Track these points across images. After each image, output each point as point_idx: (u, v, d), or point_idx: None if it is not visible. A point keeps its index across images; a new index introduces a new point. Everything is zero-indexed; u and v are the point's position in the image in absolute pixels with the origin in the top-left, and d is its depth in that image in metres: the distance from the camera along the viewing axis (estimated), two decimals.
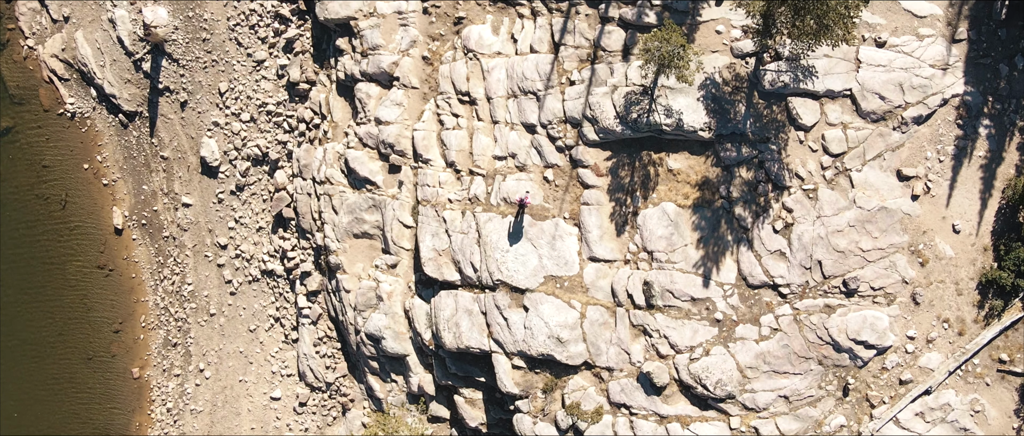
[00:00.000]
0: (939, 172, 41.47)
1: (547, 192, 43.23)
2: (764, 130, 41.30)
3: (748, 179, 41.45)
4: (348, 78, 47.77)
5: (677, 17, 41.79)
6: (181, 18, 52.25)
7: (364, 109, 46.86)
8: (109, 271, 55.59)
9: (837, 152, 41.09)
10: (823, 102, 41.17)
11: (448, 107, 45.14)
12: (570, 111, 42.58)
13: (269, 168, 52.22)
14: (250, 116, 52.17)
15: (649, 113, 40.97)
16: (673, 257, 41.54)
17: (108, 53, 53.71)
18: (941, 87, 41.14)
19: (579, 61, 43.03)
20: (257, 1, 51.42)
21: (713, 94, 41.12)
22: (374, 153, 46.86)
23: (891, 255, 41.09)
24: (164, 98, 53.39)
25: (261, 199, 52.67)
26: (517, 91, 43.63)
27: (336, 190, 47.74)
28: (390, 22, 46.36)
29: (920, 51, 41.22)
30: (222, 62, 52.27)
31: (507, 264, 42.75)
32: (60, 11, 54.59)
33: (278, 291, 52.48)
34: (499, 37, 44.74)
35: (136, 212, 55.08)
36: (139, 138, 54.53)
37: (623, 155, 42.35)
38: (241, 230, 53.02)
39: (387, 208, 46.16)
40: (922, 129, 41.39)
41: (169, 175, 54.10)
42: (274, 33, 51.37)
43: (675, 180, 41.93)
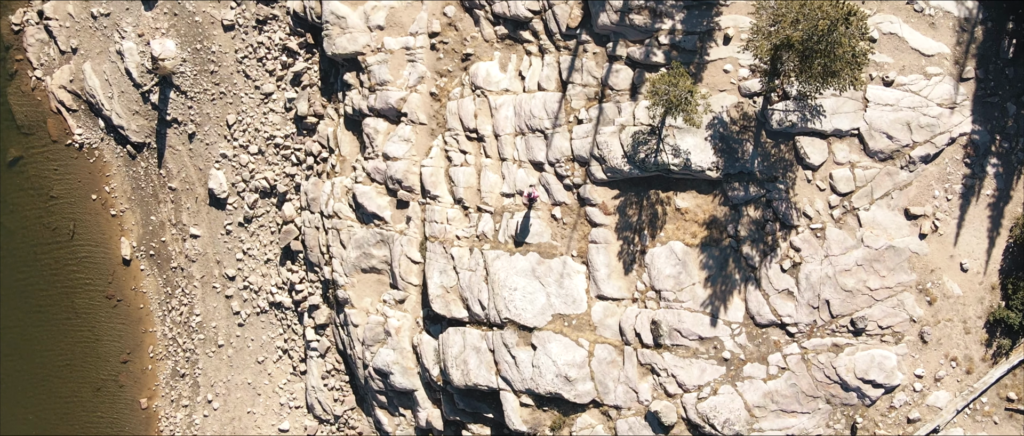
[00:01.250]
0: (947, 211, 41.87)
1: (555, 230, 43.75)
2: (772, 169, 41.75)
3: (756, 218, 41.90)
4: (356, 112, 48.34)
5: (685, 56, 42.28)
6: (189, 50, 52.88)
7: (372, 144, 47.42)
8: (117, 301, 56.22)
9: (845, 191, 41.51)
10: (831, 141, 41.61)
11: (456, 143, 45.68)
12: (578, 150, 43.10)
13: (277, 200, 52.83)
14: (258, 148, 52.77)
15: (657, 153, 41.46)
16: (681, 296, 42.02)
17: (116, 84, 54.35)
18: (949, 126, 41.55)
19: (587, 99, 43.53)
20: (265, 34, 52.03)
21: (721, 133, 41.60)
22: (382, 188, 47.41)
23: (899, 294, 41.51)
24: (172, 129, 54.03)
25: (269, 231, 53.28)
26: (525, 129, 44.17)
27: (344, 224, 48.30)
28: (398, 58, 46.91)
29: (928, 90, 41.63)
30: (230, 94, 52.89)
31: (515, 302, 43.27)
32: (68, 42, 55.24)
33: (286, 323, 53.08)
34: (507, 74, 45.26)
35: (144, 243, 55.72)
36: (147, 169, 55.16)
37: (631, 194, 42.84)
38: (249, 262, 53.62)
39: (395, 243, 46.71)
40: (930, 168, 41.80)
41: (177, 206, 54.72)
42: (282, 66, 51.99)
43: (683, 219, 42.41)
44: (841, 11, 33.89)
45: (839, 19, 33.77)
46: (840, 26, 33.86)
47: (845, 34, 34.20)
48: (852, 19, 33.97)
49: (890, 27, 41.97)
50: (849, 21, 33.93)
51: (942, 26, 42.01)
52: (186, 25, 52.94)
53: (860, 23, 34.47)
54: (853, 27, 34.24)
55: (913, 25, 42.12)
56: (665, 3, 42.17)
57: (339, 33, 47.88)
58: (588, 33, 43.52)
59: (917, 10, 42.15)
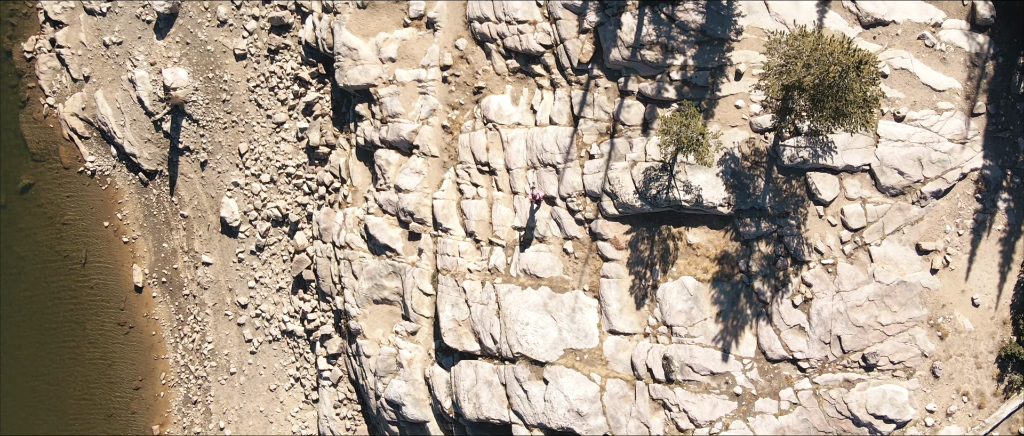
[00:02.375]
0: (958, 246, 42.42)
1: (567, 264, 44.41)
2: (783, 205, 42.34)
3: (767, 253, 42.50)
4: (368, 143, 49.05)
5: (696, 92, 42.89)
6: (201, 79, 53.67)
7: (384, 175, 48.13)
8: (129, 328, 57.06)
9: (856, 227, 42.08)
10: (842, 177, 42.18)
11: (468, 176, 46.37)
12: (589, 185, 43.75)
13: (289, 229, 53.60)
14: (270, 177, 53.55)
15: (668, 189, 42.09)
16: (692, 331, 42.65)
17: (128, 113, 55.18)
18: (960, 161, 42.09)
19: (598, 134, 44.17)
20: (277, 63, 52.79)
21: (732, 169, 42.21)
22: (394, 220, 48.13)
23: (910, 329, 42.06)
24: (184, 157, 54.84)
25: (281, 260, 54.06)
26: (537, 163, 44.83)
27: (356, 255, 49.03)
28: (409, 90, 47.60)
29: (939, 125, 42.18)
30: (242, 123, 53.67)
31: (527, 336, 43.95)
32: (80, 70, 56.08)
33: (298, 351, 53.84)
34: (519, 108, 45.93)
35: (156, 270, 56.54)
36: (159, 196, 55.98)
37: (642, 229, 43.48)
38: (261, 290, 54.40)
39: (407, 275, 47.42)
40: (941, 203, 42.35)
41: (189, 233, 55.53)
42: (294, 95, 52.75)
43: (694, 254, 43.04)
44: (852, 58, 34.45)
45: (850, 66, 34.34)
46: (851, 73, 34.43)
47: (856, 80, 34.78)
48: (864, 67, 34.52)
49: (901, 62, 42.51)
50: (860, 69, 34.49)
51: (953, 61, 42.55)
52: (198, 54, 53.73)
53: (871, 70, 35.01)
54: (865, 74, 34.80)
55: (924, 60, 42.66)
56: (677, 39, 42.77)
57: (351, 65, 48.60)
58: (600, 68, 44.15)
59: (928, 45, 42.68)
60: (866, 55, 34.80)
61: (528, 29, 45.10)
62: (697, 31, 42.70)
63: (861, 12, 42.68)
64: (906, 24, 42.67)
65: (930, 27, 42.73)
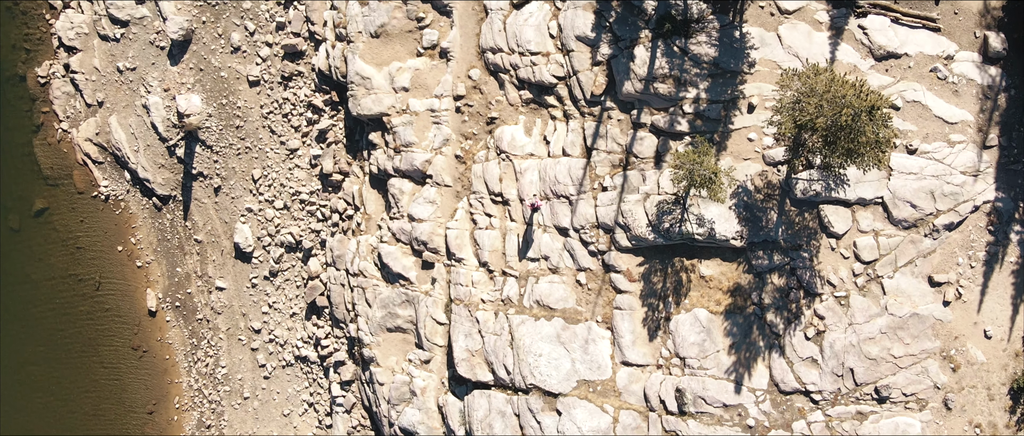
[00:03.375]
0: (971, 278, 43.05)
1: (580, 295, 45.16)
2: (796, 237, 43.02)
3: (780, 286, 43.19)
4: (381, 172, 49.84)
5: (709, 124, 43.58)
6: (215, 105, 54.56)
7: (397, 204, 48.93)
8: (143, 352, 58.01)
9: (869, 259, 42.74)
10: (855, 210, 42.84)
11: (481, 207, 47.13)
12: (602, 217, 44.47)
13: (303, 255, 54.45)
14: (284, 203, 54.42)
15: (681, 223, 42.80)
16: (705, 363, 43.36)
17: (142, 138, 56.10)
18: (972, 194, 42.72)
19: (611, 166, 44.89)
20: (290, 90, 53.63)
21: (745, 202, 42.89)
22: (407, 248, 48.92)
23: (923, 361, 42.71)
24: (198, 183, 55.74)
25: (295, 285, 54.92)
26: (550, 194, 45.57)
27: (369, 283, 49.85)
28: (423, 119, 48.38)
29: (951, 158, 42.80)
30: (255, 149, 54.53)
31: (540, 368, 44.72)
32: (94, 96, 57.02)
33: (312, 377, 54.71)
34: (532, 138, 46.65)
35: (170, 294, 57.47)
36: (173, 221, 56.90)
37: (655, 261, 44.20)
38: (275, 315, 55.28)
39: (420, 304, 48.22)
40: (953, 235, 42.99)
41: (203, 258, 56.44)
42: (307, 122, 53.59)
43: (707, 286, 43.75)
44: (865, 102, 35.12)
45: (863, 110, 35.01)
46: (863, 116, 35.11)
47: (869, 123, 35.45)
48: (876, 113, 35.19)
49: (913, 95, 43.14)
50: (873, 114, 35.17)
51: (965, 94, 43.17)
52: (212, 80, 54.61)
53: (883, 114, 35.67)
54: (877, 118, 35.47)
55: (936, 93, 43.28)
56: (689, 72, 43.47)
57: (364, 93, 49.40)
58: (612, 100, 44.84)
59: (941, 78, 43.30)
60: (878, 100, 35.45)
61: (541, 60, 45.83)
62: (710, 64, 43.38)
63: (873, 45, 43.30)
64: (918, 57, 43.30)
65: (942, 59, 43.34)
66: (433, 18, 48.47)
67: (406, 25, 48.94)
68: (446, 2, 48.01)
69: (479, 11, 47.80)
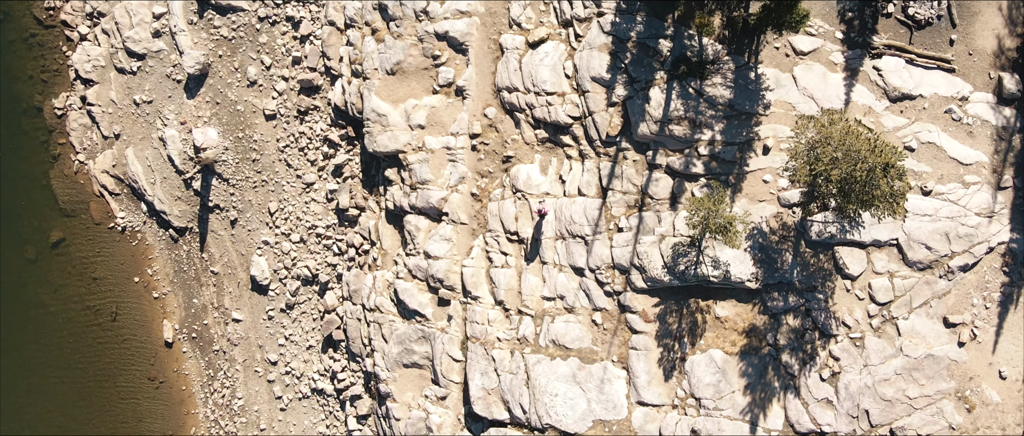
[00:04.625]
0: (985, 319, 43.96)
1: (595, 335, 46.20)
2: (811, 279, 43.98)
3: (795, 327, 44.17)
4: (397, 208, 50.94)
5: (724, 166, 44.54)
6: (231, 139, 55.75)
7: (413, 241, 50.03)
8: (160, 383, 59.30)
9: (884, 301, 43.69)
10: (870, 251, 43.79)
11: (497, 245, 48.19)
12: (618, 258, 45.49)
13: (319, 289, 55.63)
14: (300, 237, 55.58)
15: (696, 265, 43.81)
16: (720, 404, 44.36)
17: (158, 171, 57.35)
18: (987, 235, 43.63)
19: (627, 207, 45.90)
20: (306, 124, 54.80)
21: (760, 244, 43.86)
22: (423, 285, 50.02)
23: (938, 402, 43.65)
24: (214, 215, 56.96)
25: (311, 318, 56.10)
26: (565, 234, 46.61)
27: (386, 319, 50.98)
28: (439, 157, 49.45)
29: (966, 199, 43.70)
30: (272, 182, 55.73)
31: (556, 408, 45.79)
32: (111, 128, 58.29)
33: (328, 409, 55.88)
34: (547, 177, 47.68)
35: (186, 325, 58.73)
36: (189, 253, 58.15)
37: (671, 302, 45.22)
38: (291, 347, 56.47)
39: (436, 341, 49.32)
40: (968, 276, 43.91)
41: (219, 290, 57.67)
42: (323, 156, 54.73)
43: (722, 327, 44.75)
44: (879, 158, 36.05)
45: (877, 167, 35.95)
46: (878, 171, 36.06)
47: (883, 177, 36.40)
48: (890, 170, 36.14)
49: (928, 136, 44.06)
50: (887, 171, 36.11)
51: (980, 135, 44.06)
52: (228, 114, 55.81)
53: (898, 168, 36.59)
54: (891, 175, 36.41)
55: (951, 134, 44.19)
56: (705, 114, 44.44)
57: (380, 131, 50.50)
58: (628, 141, 45.82)
59: (955, 119, 44.21)
60: (892, 156, 36.36)
61: (556, 100, 46.85)
62: (725, 106, 44.34)
63: (888, 86, 44.23)
64: (933, 98, 44.21)
65: (957, 101, 44.24)
66: (449, 56, 49.51)
67: (422, 63, 49.99)
68: (462, 40, 48.98)
69: (495, 50, 48.84)
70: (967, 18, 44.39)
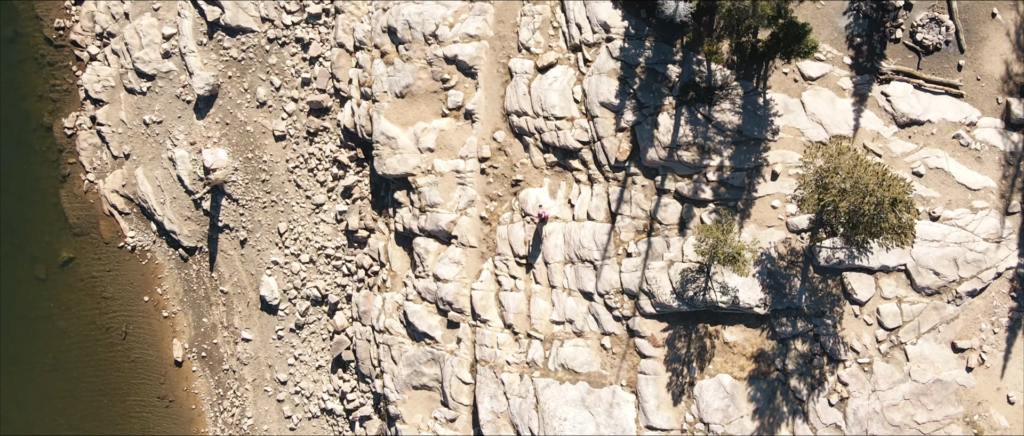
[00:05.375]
0: (993, 344, 44.57)
1: (604, 359, 46.88)
2: (819, 304, 44.62)
3: (803, 352, 44.81)
4: (407, 231, 51.65)
5: (733, 192, 45.18)
6: (240, 159, 56.53)
7: (423, 263, 50.75)
8: (169, 402, 60.11)
9: (892, 326, 44.31)
10: (878, 277, 44.41)
11: (506, 268, 48.89)
12: (627, 283, 46.16)
13: (329, 309, 56.39)
14: (309, 257, 56.36)
15: (705, 291, 44.46)
16: (729, 429, 45.01)
17: (168, 190, 58.16)
18: (995, 261, 44.22)
19: (636, 232, 46.56)
20: (316, 145, 55.56)
21: (769, 269, 44.51)
22: (433, 308, 50.74)
23: (946, 427, 44.25)
24: (224, 235, 57.75)
25: (321, 338, 56.87)
26: (574, 258, 47.30)
27: (395, 340, 51.71)
28: (448, 180, 50.16)
29: (974, 224, 44.30)
30: (281, 203, 56.49)
31: (565, 432, 46.45)
32: (120, 148, 59.11)
33: (338, 429, 56.62)
34: (556, 201, 48.36)
35: (196, 344, 59.54)
36: (199, 272, 58.95)
37: (680, 327, 45.88)
38: (301, 367, 57.26)
39: (446, 363, 50.05)
40: (976, 301, 44.51)
41: (229, 309, 58.46)
42: (333, 177, 55.49)
43: (731, 352, 45.41)
44: (887, 192, 36.66)
45: (885, 201, 36.57)
46: (886, 206, 36.68)
47: (891, 212, 37.02)
48: (898, 205, 36.77)
49: (936, 162, 44.66)
50: (895, 206, 36.74)
51: (988, 160, 44.65)
52: (238, 134, 56.59)
53: (905, 205, 37.21)
54: (899, 210, 37.03)
55: (959, 159, 44.78)
56: (713, 140, 45.10)
57: (389, 153, 51.21)
58: (637, 166, 46.46)
59: (963, 144, 44.80)
60: (900, 191, 36.94)
61: (565, 125, 47.52)
62: (734, 131, 44.98)
63: (896, 112, 44.83)
64: (941, 123, 44.81)
65: (965, 126, 44.83)
66: (458, 79, 50.20)
67: (431, 86, 50.71)
68: (471, 64, 49.67)
69: (504, 74, 49.53)
70: (975, 43, 44.93)
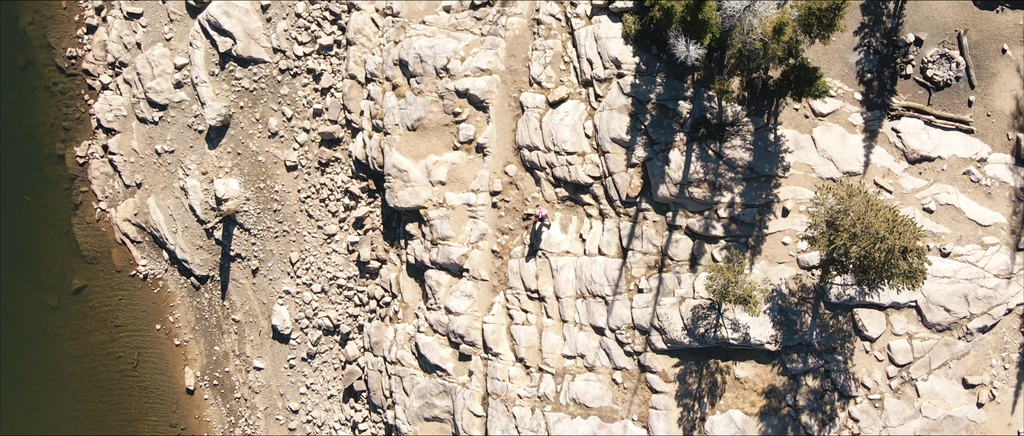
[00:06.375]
0: (1004, 379, 45.30)
1: (616, 394, 47.70)
2: (830, 340, 45.40)
3: (814, 388, 45.59)
4: (418, 263, 52.49)
5: (744, 229, 45.97)
6: (252, 189, 57.47)
7: (434, 296, 51.61)
8: (181, 430, 61.07)
9: (903, 362, 45.07)
10: (889, 313, 45.17)
11: (517, 302, 49.73)
12: (638, 319, 46.97)
13: (341, 339, 57.29)
14: (321, 287, 57.27)
15: (716, 328, 45.25)
16: None
17: (180, 219, 59.12)
18: (1006, 297, 44.95)
19: (647, 267, 47.37)
20: (327, 176, 56.47)
21: (780, 306, 45.29)
22: (444, 340, 51.60)
23: None
24: (236, 264, 58.70)
25: (332, 368, 57.78)
26: (586, 293, 48.12)
27: (407, 372, 52.58)
28: (459, 213, 51.01)
29: (984, 261, 45.04)
30: (293, 232, 57.43)
31: None
32: (132, 177, 60.11)
33: None
34: (568, 235, 49.19)
35: (208, 372, 60.51)
36: (211, 300, 59.91)
37: (691, 362, 46.68)
38: (312, 396, 58.17)
39: (457, 396, 50.90)
40: (987, 337, 45.25)
41: (241, 338, 59.41)
42: (344, 208, 56.39)
43: (742, 388, 46.20)
44: (898, 240, 37.39)
45: (896, 249, 37.31)
46: (896, 252, 37.45)
47: (902, 260, 37.77)
48: (910, 255, 37.52)
49: (947, 198, 45.41)
50: (906, 255, 37.50)
51: (998, 196, 45.38)
52: (249, 164, 57.53)
53: (915, 252, 37.95)
54: (910, 258, 37.79)
55: (970, 195, 45.52)
56: (724, 177, 45.88)
57: (401, 186, 52.08)
58: (648, 201, 47.25)
59: (974, 180, 45.53)
60: (910, 239, 37.64)
61: (577, 160, 48.34)
62: (745, 168, 45.76)
63: (907, 148, 45.58)
64: (951, 159, 45.54)
65: (975, 162, 45.56)
66: (469, 113, 51.05)
67: (442, 119, 51.57)
68: (482, 98, 50.52)
69: (515, 107, 50.37)
70: (985, 79, 45.66)
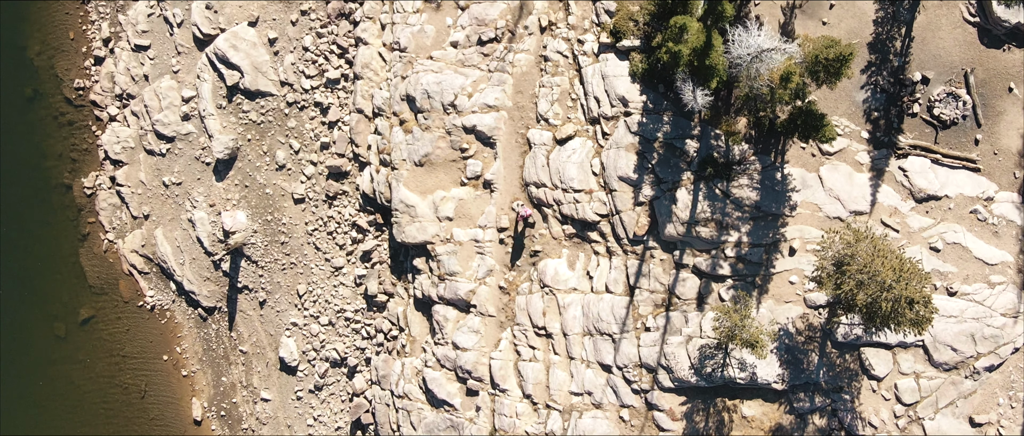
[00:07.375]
0: (1011, 418, 45.89)
1: (623, 431, 48.39)
2: (837, 380, 46.04)
3: (821, 427, 46.22)
4: (425, 297, 53.24)
5: (751, 267, 46.65)
6: (260, 221, 58.26)
7: (442, 331, 52.35)
8: None
9: (910, 401, 45.70)
10: (895, 352, 45.80)
11: (525, 339, 50.43)
12: (645, 357, 47.66)
13: (348, 372, 58.04)
14: (328, 320, 58.05)
15: (723, 368, 45.94)
16: None
17: (187, 251, 59.94)
18: (1012, 336, 45.56)
19: (654, 306, 48.06)
20: (335, 209, 57.25)
21: (787, 345, 45.95)
22: (452, 375, 52.31)
23: None
24: (243, 295, 59.49)
25: (340, 400, 58.52)
26: (593, 330, 48.82)
27: (414, 406, 53.31)
28: (467, 249, 51.75)
29: (991, 299, 45.66)
30: (300, 265, 58.21)
31: None
32: (140, 208, 60.94)
33: None
34: (575, 272, 49.89)
35: (215, 403, 61.29)
36: (218, 331, 60.71)
37: (698, 400, 47.35)
38: (320, 428, 58.90)
39: (465, 431, 51.56)
40: (994, 376, 45.86)
41: (248, 369, 60.19)
42: (352, 241, 57.17)
43: (749, 426, 46.85)
44: (905, 290, 38.00)
45: (902, 299, 37.95)
46: (903, 302, 38.09)
47: (908, 309, 38.40)
48: (916, 305, 38.16)
49: (954, 236, 46.05)
50: (913, 305, 38.14)
51: (1005, 234, 46.01)
52: (257, 197, 58.33)
53: (922, 301, 38.58)
54: (917, 308, 38.42)
55: (977, 234, 46.15)
56: (731, 216, 46.57)
57: (408, 221, 52.83)
58: (655, 240, 47.95)
59: (980, 219, 46.17)
60: (917, 292, 38.23)
61: (584, 198, 49.06)
62: (751, 207, 46.44)
63: (914, 187, 46.23)
64: (958, 198, 46.19)
65: (982, 201, 46.19)
66: (477, 149, 51.79)
67: (450, 155, 52.31)
68: (490, 134, 51.26)
69: (522, 144, 51.09)
70: (992, 117, 46.30)
